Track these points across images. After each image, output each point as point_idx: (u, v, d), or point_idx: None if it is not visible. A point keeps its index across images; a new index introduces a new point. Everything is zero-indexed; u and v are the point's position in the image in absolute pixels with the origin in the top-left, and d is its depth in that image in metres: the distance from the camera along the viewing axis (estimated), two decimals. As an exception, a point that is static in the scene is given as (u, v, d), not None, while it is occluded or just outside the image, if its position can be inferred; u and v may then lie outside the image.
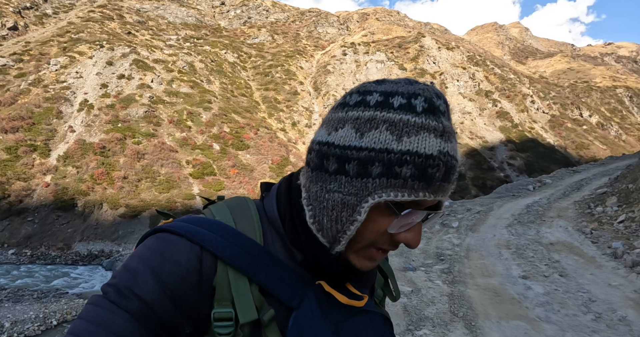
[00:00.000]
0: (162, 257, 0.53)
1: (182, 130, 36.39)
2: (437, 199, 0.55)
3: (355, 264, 0.59)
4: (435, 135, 0.53)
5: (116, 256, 21.76)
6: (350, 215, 0.54)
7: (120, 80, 40.67)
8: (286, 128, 46.88)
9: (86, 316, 0.50)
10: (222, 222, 0.59)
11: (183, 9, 76.77)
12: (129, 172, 29.23)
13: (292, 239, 0.61)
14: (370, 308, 0.64)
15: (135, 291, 0.50)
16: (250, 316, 0.53)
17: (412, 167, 0.52)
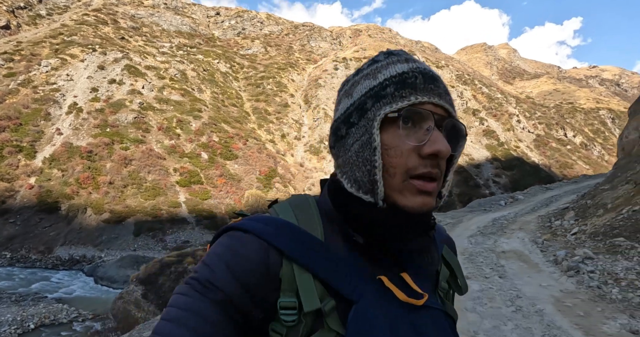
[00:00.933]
0: (234, 253, 0.58)
1: (170, 138, 36.54)
2: (434, 102, 0.60)
3: (406, 206, 0.60)
4: (400, 63, 0.63)
5: (98, 262, 21.61)
6: (369, 148, 0.60)
7: (111, 85, 40.76)
8: (275, 140, 47.26)
9: (176, 304, 0.55)
10: (286, 219, 0.64)
11: (178, 17, 77.41)
12: (115, 178, 29.25)
13: (347, 220, 0.64)
14: (432, 304, 0.65)
15: (215, 283, 0.56)
16: (313, 306, 0.56)
17: (392, 85, 0.60)
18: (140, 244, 24.48)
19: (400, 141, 0.59)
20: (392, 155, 0.59)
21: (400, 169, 0.59)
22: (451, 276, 0.75)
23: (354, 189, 0.62)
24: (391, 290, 0.60)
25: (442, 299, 0.71)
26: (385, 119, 0.60)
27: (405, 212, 0.60)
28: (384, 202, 0.61)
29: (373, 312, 0.58)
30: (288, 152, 46.09)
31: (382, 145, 0.60)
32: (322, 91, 57.57)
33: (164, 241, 25.32)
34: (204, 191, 32.00)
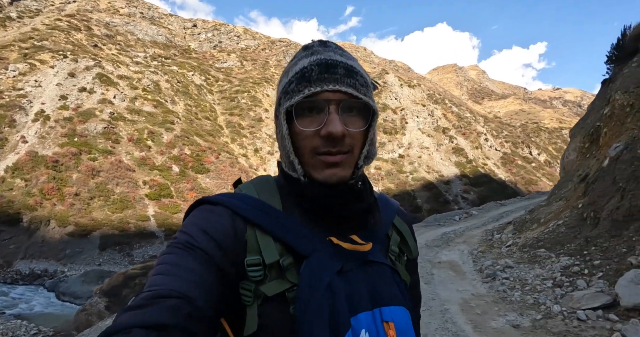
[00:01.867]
0: (207, 220, 0.68)
1: (141, 150, 36.01)
2: (328, 89, 0.69)
3: (317, 178, 0.71)
4: (306, 57, 0.73)
5: (61, 276, 20.89)
6: (282, 137, 0.73)
7: (81, 93, 39.85)
8: (248, 154, 47.29)
9: (163, 261, 0.63)
10: (248, 194, 0.75)
11: (154, 27, 76.77)
12: (82, 189, 28.54)
13: (296, 192, 0.76)
14: (379, 259, 0.75)
15: (193, 243, 0.64)
16: (272, 258, 0.67)
17: (295, 81, 0.71)
18: (106, 259, 23.85)
19: (304, 128, 0.70)
20: (300, 139, 0.71)
21: (307, 149, 0.71)
22: (402, 241, 0.86)
23: (285, 168, 0.77)
24: (341, 246, 0.70)
25: (393, 261, 0.82)
26: (291, 111, 0.71)
27: (321, 184, 0.72)
28: (305, 177, 0.73)
29: (323, 263, 0.67)
30: (261, 167, 46.16)
31: (292, 133, 0.72)
32: (296, 107, 58.18)
33: (131, 255, 24.77)
34: (174, 204, 31.61)
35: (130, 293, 12.94)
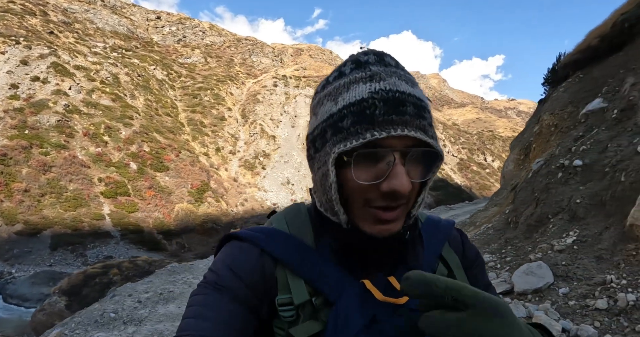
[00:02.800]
0: (234, 257, 0.66)
1: (97, 145, 34.82)
2: (394, 135, 0.56)
3: (367, 231, 0.62)
4: (363, 82, 0.59)
5: (7, 278, 19.94)
6: (327, 182, 0.61)
7: (34, 82, 37.94)
8: (209, 153, 46.76)
9: (194, 303, 0.62)
10: (278, 228, 0.71)
11: (115, 16, 73.97)
12: (32, 185, 27.31)
13: (326, 228, 0.69)
14: (414, 306, 0.61)
15: (222, 283, 0.63)
16: (302, 298, 0.63)
17: (350, 116, 0.58)
18: (58, 259, 23.03)
19: (360, 180, 0.58)
20: (351, 187, 0.60)
21: (359, 200, 0.60)
22: (449, 275, 0.75)
23: (322, 208, 0.67)
24: (372, 294, 0.63)
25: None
26: (341, 155, 0.59)
27: (369, 237, 0.62)
28: (349, 224, 0.64)
29: (352, 310, 0.61)
30: (222, 167, 45.82)
31: (340, 180, 0.60)
32: (260, 107, 58.14)
33: (85, 255, 24.06)
34: (131, 203, 30.90)
35: (91, 292, 12.76)
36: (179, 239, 30.62)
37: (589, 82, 8.15)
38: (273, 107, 59.16)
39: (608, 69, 7.74)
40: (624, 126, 5.52)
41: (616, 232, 4.23)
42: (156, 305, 5.95)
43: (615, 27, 8.07)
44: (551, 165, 6.32)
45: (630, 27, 7.61)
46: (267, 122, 55.69)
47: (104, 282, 13.54)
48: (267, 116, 56.80)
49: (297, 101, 61.30)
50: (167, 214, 32.25)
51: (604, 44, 8.31)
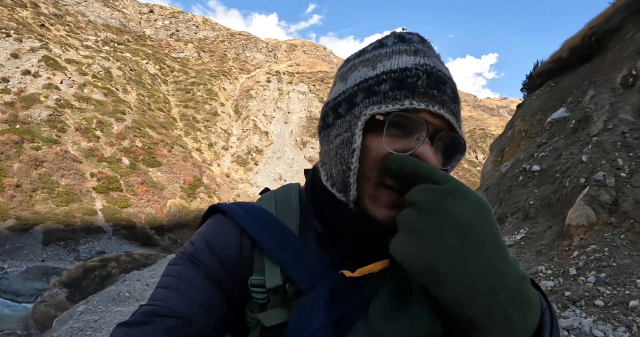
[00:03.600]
0: (213, 232, 0.64)
1: (89, 140, 34.84)
2: (432, 111, 0.54)
3: (374, 214, 0.57)
4: (407, 54, 0.57)
5: (0, 273, 19.97)
6: (349, 148, 0.57)
7: (25, 76, 37.69)
8: (202, 148, 46.94)
9: (169, 273, 0.62)
10: (264, 208, 0.67)
11: (107, 9, 73.39)
12: (24, 181, 27.32)
13: (315, 210, 0.65)
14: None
15: (197, 256, 0.62)
16: (274, 283, 0.59)
17: (389, 82, 0.54)
18: (50, 255, 23.15)
19: (383, 146, 0.55)
20: (371, 157, 0.56)
21: (375, 176, 0.56)
22: None
23: (328, 183, 0.63)
24: (351, 278, 0.58)
25: None
26: (372, 119, 0.55)
27: (375, 222, 0.57)
28: (355, 205, 0.59)
29: (317, 304, 0.55)
30: (214, 162, 46.05)
31: (363, 147, 0.56)
32: (253, 102, 58.30)
33: (77, 251, 24.21)
34: (123, 198, 31.06)
35: (91, 284, 13.15)
36: (171, 234, 30.90)
37: (558, 91, 8.65)
38: (266, 103, 59.34)
39: (575, 79, 8.24)
40: (578, 136, 6.04)
41: (556, 230, 4.86)
42: None
43: (584, 40, 8.54)
44: (515, 169, 6.89)
45: (597, 40, 8.10)
46: (260, 118, 55.90)
47: (103, 275, 14.04)
48: (260, 112, 57.00)
49: (290, 97, 61.51)
50: (160, 210, 32.49)
51: (573, 56, 8.80)
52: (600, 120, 5.71)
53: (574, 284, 4.06)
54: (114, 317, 4.94)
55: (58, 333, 4.53)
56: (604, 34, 7.97)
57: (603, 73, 7.05)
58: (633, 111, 5.34)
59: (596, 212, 4.53)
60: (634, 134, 4.95)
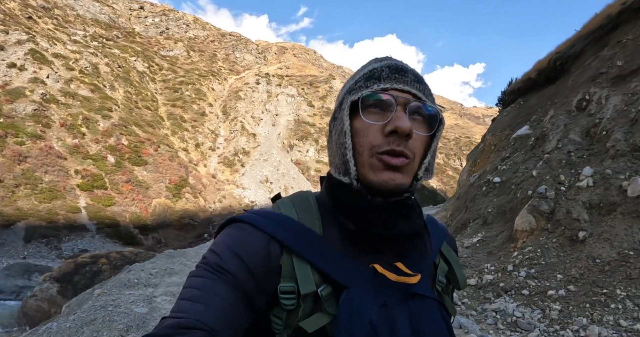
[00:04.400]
0: (239, 241, 0.64)
1: (74, 136, 34.52)
2: (397, 88, 0.66)
3: (373, 180, 0.65)
4: (376, 63, 0.72)
5: None
6: (342, 133, 0.68)
7: (10, 69, 37.16)
8: (189, 148, 46.85)
9: (192, 285, 0.61)
10: (287, 215, 0.70)
11: (97, 4, 72.66)
12: (6, 176, 26.93)
13: (339, 209, 0.70)
14: (425, 293, 0.69)
15: (223, 266, 0.61)
16: (309, 289, 0.62)
17: (362, 80, 0.69)
18: (32, 252, 22.88)
19: (366, 124, 0.65)
20: (361, 135, 0.66)
21: (367, 147, 0.65)
22: (449, 271, 0.80)
23: (336, 173, 0.71)
24: (384, 275, 0.64)
25: (440, 293, 0.77)
26: (355, 107, 0.67)
27: (374, 189, 0.65)
28: (358, 182, 0.67)
29: (364, 296, 0.62)
30: (201, 163, 46.01)
31: (352, 129, 0.67)
32: (241, 104, 58.43)
33: (60, 248, 24.00)
34: (107, 196, 30.90)
35: (82, 279, 13.28)
36: (156, 234, 30.89)
37: (526, 109, 9.41)
38: (254, 104, 59.54)
39: (541, 99, 9.00)
40: (534, 152, 6.77)
41: (506, 234, 5.77)
42: (164, 276, 7.81)
43: (550, 64, 9.32)
44: (481, 180, 7.63)
45: (561, 64, 8.86)
46: (248, 119, 56.08)
47: (94, 271, 14.41)
48: (248, 114, 57.16)
49: (278, 100, 61.78)
50: (144, 209, 32.42)
51: (541, 77, 9.57)
52: (555, 139, 6.43)
53: (509, 277, 5.06)
54: (128, 298, 5.75)
55: (82, 310, 5.20)
56: (567, 59, 8.71)
57: (563, 95, 7.77)
58: (581, 132, 6.07)
59: (536, 220, 5.47)
60: (578, 153, 5.73)
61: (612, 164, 5.27)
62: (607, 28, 8.02)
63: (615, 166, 5.20)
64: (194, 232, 32.53)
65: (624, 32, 7.44)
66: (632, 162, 5.07)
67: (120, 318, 4.84)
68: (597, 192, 5.08)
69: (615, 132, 5.59)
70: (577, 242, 4.87)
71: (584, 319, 4.02)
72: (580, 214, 5.02)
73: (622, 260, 4.25)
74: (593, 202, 5.01)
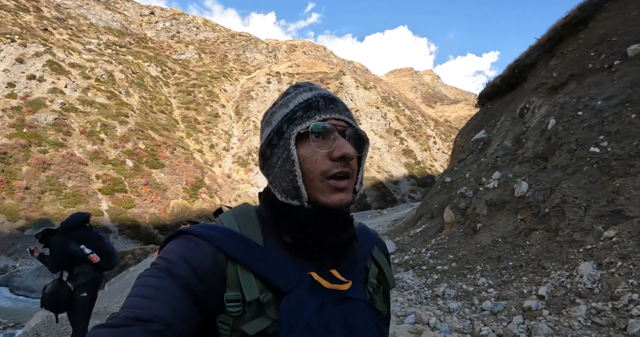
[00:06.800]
0: (188, 249, 0.68)
1: (94, 143, 35.82)
2: (335, 117, 0.75)
3: (326, 202, 0.72)
4: (305, 91, 0.79)
5: (12, 271, 20.89)
6: (289, 162, 0.73)
7: (30, 81, 38.67)
8: (204, 150, 47.79)
9: (143, 283, 0.64)
10: (230, 228, 0.74)
11: (109, 12, 74.41)
12: (32, 183, 28.31)
13: (279, 225, 0.76)
14: (357, 296, 0.76)
15: (173, 271, 0.64)
16: (253, 296, 0.67)
17: (301, 110, 0.75)
18: (59, 254, 24.01)
19: (314, 151, 0.72)
20: (309, 162, 0.72)
21: (317, 173, 0.71)
22: (380, 273, 0.87)
23: (283, 198, 0.75)
24: (319, 282, 0.70)
25: (372, 294, 0.82)
26: (299, 136, 0.73)
27: (327, 208, 0.72)
28: (309, 204, 0.73)
29: (302, 300, 0.68)
30: (216, 163, 46.89)
31: (299, 158, 0.72)
32: (253, 103, 59.15)
33: (85, 250, 25.06)
34: (127, 199, 31.99)
35: (111, 272, 14.16)
36: (174, 233, 31.77)
37: (489, 113, 9.98)
38: (266, 104, 60.15)
39: (502, 104, 9.62)
40: (479, 156, 7.41)
41: (440, 225, 6.74)
42: None
43: (510, 71, 9.87)
44: (440, 179, 8.45)
45: (519, 72, 9.36)
46: (260, 118, 56.65)
47: (122, 265, 16.36)
48: (261, 113, 57.80)
49: (290, 98, 62.23)
50: (163, 210, 33.41)
51: (503, 84, 10.13)
52: (495, 144, 7.10)
53: (418, 257, 6.44)
54: None
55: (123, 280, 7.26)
56: (524, 68, 9.28)
57: (514, 102, 8.38)
58: (513, 139, 6.68)
59: (455, 215, 6.66)
60: (504, 158, 6.63)
61: (518, 169, 6.12)
62: (555, 40, 8.59)
63: (518, 171, 6.08)
64: (211, 231, 33.28)
65: (567, 44, 7.98)
66: (531, 168, 5.90)
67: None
68: (497, 193, 6.09)
69: (529, 140, 6.38)
70: (475, 232, 6.02)
71: (446, 284, 5.27)
72: (482, 210, 6.11)
73: (492, 245, 5.32)
74: (492, 201, 6.03)
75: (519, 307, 3.58)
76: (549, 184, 4.96)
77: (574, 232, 3.97)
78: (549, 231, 4.38)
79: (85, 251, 3.96)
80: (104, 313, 6.15)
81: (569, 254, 3.79)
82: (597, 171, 4.44)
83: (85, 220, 4.18)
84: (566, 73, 7.23)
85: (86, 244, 4.02)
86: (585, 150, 4.86)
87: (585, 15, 8.48)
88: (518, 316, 3.46)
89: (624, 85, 5.58)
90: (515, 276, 4.29)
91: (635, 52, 6.19)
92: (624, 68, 6.04)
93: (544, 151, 5.71)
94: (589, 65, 6.87)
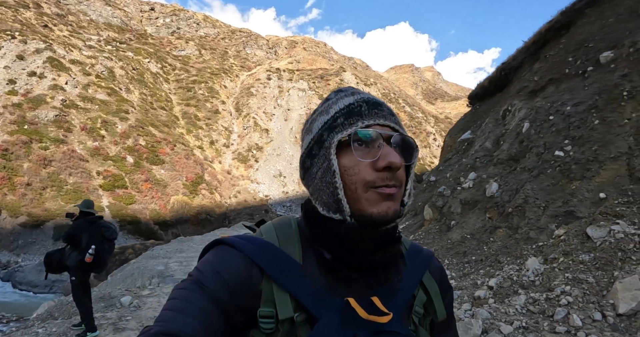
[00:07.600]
0: (223, 263, 0.67)
1: (94, 139, 36.13)
2: (379, 123, 0.69)
3: (373, 213, 0.65)
4: (347, 96, 0.73)
5: (15, 267, 21.24)
6: (330, 172, 0.67)
7: (30, 77, 38.82)
8: (204, 146, 48.09)
9: (176, 296, 0.64)
10: (268, 241, 0.72)
11: (109, 8, 74.42)
12: (33, 179, 28.66)
13: (318, 240, 0.71)
14: (396, 329, 0.67)
15: (205, 284, 0.64)
16: (287, 314, 0.64)
17: (342, 116, 0.69)
18: (61, 249, 24.42)
19: (356, 161, 0.66)
20: (351, 174, 0.66)
21: (361, 184, 0.65)
22: (428, 301, 0.78)
23: (325, 211, 0.70)
24: (356, 310, 0.64)
25: (416, 324, 0.75)
26: (340, 145, 0.67)
27: (372, 220, 0.66)
28: (352, 218, 0.67)
29: (334, 328, 0.63)
30: (216, 159, 47.22)
31: (341, 168, 0.67)
32: (253, 100, 59.34)
33: (85, 245, 25.46)
34: (128, 195, 32.37)
35: (112, 266, 14.73)
36: (174, 229, 32.26)
37: (477, 114, 10.34)
38: (266, 100, 60.38)
39: (488, 106, 9.96)
40: (462, 156, 7.84)
41: (421, 222, 7.57)
42: (175, 252, 10.39)
43: (497, 74, 10.23)
44: (427, 178, 8.97)
45: (506, 74, 9.68)
46: (261, 115, 57.00)
47: (122, 259, 17.05)
48: (261, 109, 58.06)
49: (290, 94, 62.47)
50: (163, 206, 33.80)
51: (491, 86, 10.47)
52: (477, 145, 7.49)
53: None
54: (152, 263, 8.81)
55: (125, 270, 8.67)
56: (510, 70, 9.63)
57: (499, 104, 8.68)
58: (494, 140, 7.05)
59: (433, 212, 7.06)
60: (482, 159, 7.00)
61: (492, 170, 6.48)
62: (540, 43, 8.84)
63: (492, 172, 6.44)
64: (210, 227, 33.75)
65: (550, 48, 8.24)
66: (503, 169, 6.26)
67: (148, 272, 8.13)
68: (471, 192, 6.46)
69: (505, 143, 6.73)
70: (449, 229, 6.42)
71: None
72: (457, 208, 6.50)
73: (461, 241, 5.71)
74: (466, 200, 6.41)
75: (471, 296, 3.91)
76: (516, 185, 5.30)
77: (530, 230, 4.31)
78: (511, 229, 4.73)
79: (89, 251, 4.45)
80: (108, 297, 6.89)
81: (523, 250, 4.13)
82: (559, 173, 4.76)
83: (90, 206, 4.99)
84: (546, 77, 7.53)
85: (96, 244, 4.70)
86: (550, 154, 5.17)
87: (568, 20, 8.75)
88: (467, 303, 3.78)
89: (593, 92, 5.87)
90: (475, 269, 4.66)
91: (607, 59, 6.47)
92: (595, 74, 6.33)
93: (516, 153, 6.04)
94: (566, 70, 7.15)
